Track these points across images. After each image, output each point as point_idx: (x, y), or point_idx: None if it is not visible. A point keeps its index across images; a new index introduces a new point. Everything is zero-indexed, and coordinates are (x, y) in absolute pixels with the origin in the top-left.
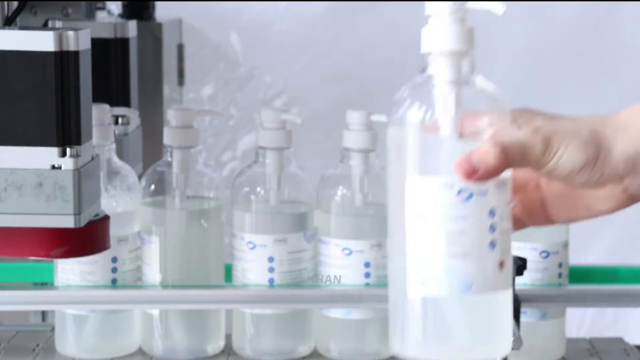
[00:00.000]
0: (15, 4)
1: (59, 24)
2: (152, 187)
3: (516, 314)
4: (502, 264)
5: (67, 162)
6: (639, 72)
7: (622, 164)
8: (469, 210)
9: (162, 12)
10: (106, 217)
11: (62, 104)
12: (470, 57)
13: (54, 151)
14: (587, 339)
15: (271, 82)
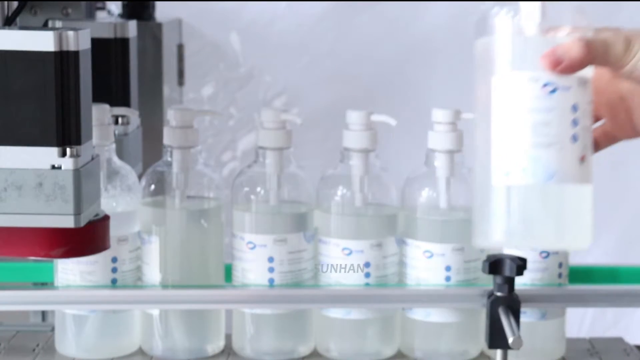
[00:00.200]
0: (15, 4)
1: (59, 24)
2: (152, 187)
3: (515, 314)
4: (583, 158)
5: (67, 162)
6: None
7: None
8: (553, 102)
9: (162, 12)
10: (106, 217)
11: (62, 104)
12: None
13: (54, 151)
14: (587, 339)
15: (271, 82)
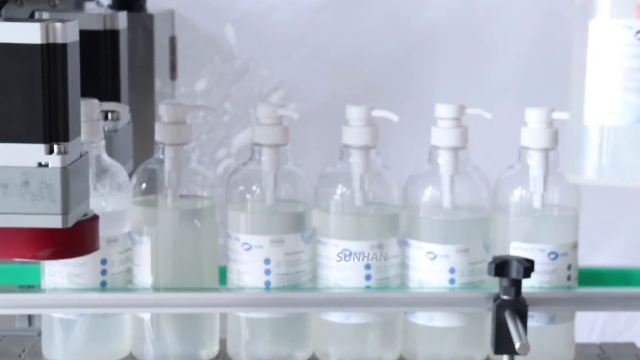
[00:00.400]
0: None
1: (45, 16)
2: (143, 185)
3: (523, 318)
4: None
5: (55, 160)
6: None
7: None
8: None
9: (154, 3)
10: (95, 217)
11: (49, 98)
12: None
13: (41, 148)
14: (597, 344)
15: (267, 76)
